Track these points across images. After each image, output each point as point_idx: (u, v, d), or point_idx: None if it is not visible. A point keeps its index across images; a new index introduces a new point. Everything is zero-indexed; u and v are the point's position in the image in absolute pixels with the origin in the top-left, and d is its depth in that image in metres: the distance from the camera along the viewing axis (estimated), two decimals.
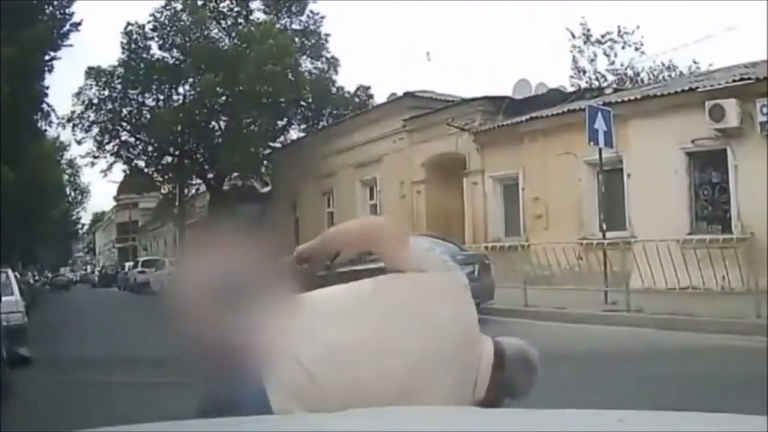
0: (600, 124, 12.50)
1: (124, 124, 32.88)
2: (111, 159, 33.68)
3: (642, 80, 27.01)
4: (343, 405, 1.53)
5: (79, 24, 20.22)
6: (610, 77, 27.73)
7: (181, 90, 31.88)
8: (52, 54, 20.04)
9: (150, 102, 32.30)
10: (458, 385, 1.63)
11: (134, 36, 31.18)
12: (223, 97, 30.19)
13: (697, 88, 13.92)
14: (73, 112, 31.88)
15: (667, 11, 53.74)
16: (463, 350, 1.66)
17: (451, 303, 1.67)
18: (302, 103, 31.40)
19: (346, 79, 57.50)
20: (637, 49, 27.47)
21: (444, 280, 1.68)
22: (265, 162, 32.13)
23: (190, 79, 30.72)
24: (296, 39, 30.82)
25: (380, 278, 1.71)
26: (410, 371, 1.60)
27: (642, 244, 13.18)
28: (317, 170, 26.00)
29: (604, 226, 12.98)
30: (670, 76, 26.50)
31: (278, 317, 1.67)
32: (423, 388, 1.59)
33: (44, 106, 22.19)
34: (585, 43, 28.13)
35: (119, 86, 31.51)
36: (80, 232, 76.87)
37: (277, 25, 30.81)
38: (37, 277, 43.58)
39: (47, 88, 21.30)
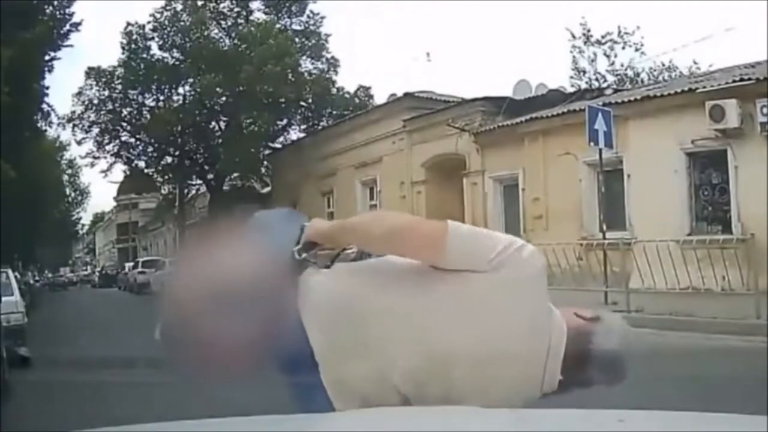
0: (600, 124, 12.51)
1: (124, 124, 32.93)
2: (111, 159, 33.83)
3: (642, 81, 27.00)
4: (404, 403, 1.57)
5: (79, 24, 20.30)
6: (610, 78, 27.78)
7: (181, 90, 31.95)
8: (52, 54, 20.11)
9: (150, 102, 32.37)
10: (522, 382, 1.61)
11: (134, 36, 31.23)
12: (223, 98, 30.21)
13: (697, 88, 13.89)
14: (73, 112, 32.02)
15: (667, 11, 53.84)
16: (525, 347, 1.61)
17: (505, 298, 1.60)
18: (302, 103, 31.40)
19: (346, 80, 57.59)
20: (637, 49, 27.54)
21: (494, 276, 1.60)
22: (265, 162, 32.12)
23: (190, 80, 30.76)
24: (296, 39, 30.84)
25: (428, 276, 1.64)
26: (470, 374, 1.58)
27: (642, 245, 13.13)
28: (317, 170, 25.98)
29: (604, 227, 12.97)
30: (670, 76, 26.50)
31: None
32: (483, 389, 1.57)
33: (44, 106, 22.27)
34: (585, 43, 28.19)
35: (119, 86, 31.57)
36: (80, 232, 76.80)
37: (277, 26, 30.84)
38: (37, 277, 43.58)
39: (47, 88, 21.39)
